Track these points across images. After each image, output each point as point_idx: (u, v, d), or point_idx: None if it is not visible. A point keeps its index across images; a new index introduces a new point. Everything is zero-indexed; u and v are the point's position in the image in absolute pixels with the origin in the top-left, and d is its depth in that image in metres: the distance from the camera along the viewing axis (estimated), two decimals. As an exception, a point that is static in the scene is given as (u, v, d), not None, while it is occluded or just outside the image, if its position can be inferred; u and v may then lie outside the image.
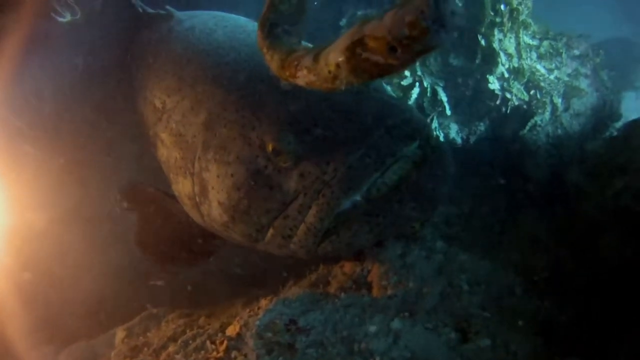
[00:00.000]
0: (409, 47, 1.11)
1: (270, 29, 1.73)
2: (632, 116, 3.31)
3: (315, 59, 1.40)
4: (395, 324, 2.06)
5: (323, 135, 2.21)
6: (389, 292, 2.29)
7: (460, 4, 3.25)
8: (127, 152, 4.32)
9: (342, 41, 1.27)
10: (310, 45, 1.60)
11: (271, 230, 2.39)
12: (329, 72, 1.34)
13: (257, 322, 2.09)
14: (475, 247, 3.01)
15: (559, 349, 2.27)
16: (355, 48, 1.20)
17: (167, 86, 2.91)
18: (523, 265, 3.23)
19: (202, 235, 3.22)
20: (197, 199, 2.66)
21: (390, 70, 1.21)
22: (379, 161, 2.14)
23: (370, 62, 1.20)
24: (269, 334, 2.03)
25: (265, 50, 1.71)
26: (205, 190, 2.57)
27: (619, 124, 3.71)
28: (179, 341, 2.58)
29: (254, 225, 2.41)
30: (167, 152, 2.89)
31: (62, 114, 4.16)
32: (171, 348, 2.60)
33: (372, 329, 2.02)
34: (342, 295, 2.23)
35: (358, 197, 2.21)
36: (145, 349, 2.98)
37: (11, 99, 3.86)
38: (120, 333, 3.38)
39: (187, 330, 2.73)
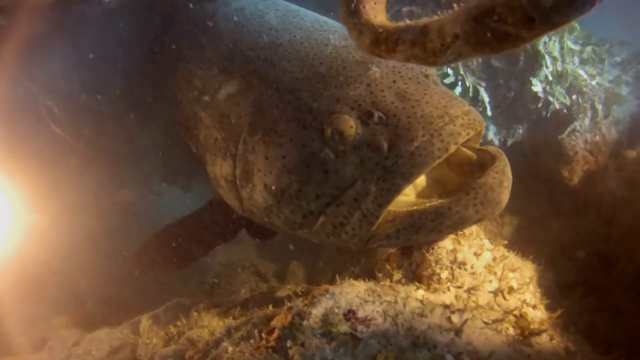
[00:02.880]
0: (550, 17, 1.07)
1: (357, 4, 1.68)
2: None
3: (423, 31, 1.35)
4: (456, 317, 2.01)
5: (385, 120, 2.15)
6: (442, 286, 2.24)
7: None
8: (151, 140, 4.26)
9: (463, 12, 1.22)
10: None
11: (322, 218, 2.29)
12: (442, 44, 1.29)
13: (314, 311, 2.02)
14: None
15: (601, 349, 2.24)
16: (484, 18, 1.16)
17: (212, 65, 2.84)
18: (555, 272, 3.21)
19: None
20: (238, 182, 2.57)
21: (517, 43, 1.17)
22: (442, 149, 2.08)
23: (498, 34, 1.15)
24: (328, 324, 1.96)
25: (351, 25, 1.65)
26: (249, 173, 2.48)
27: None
28: (219, 330, 2.50)
29: (301, 211, 2.31)
30: (206, 131, 2.81)
31: (89, 98, 4.09)
32: (210, 337, 2.53)
33: (434, 321, 1.97)
34: (399, 287, 2.17)
35: None
36: (176, 337, 2.90)
37: (40, 78, 3.78)
38: (145, 321, 3.29)
39: (225, 320, 2.66)
